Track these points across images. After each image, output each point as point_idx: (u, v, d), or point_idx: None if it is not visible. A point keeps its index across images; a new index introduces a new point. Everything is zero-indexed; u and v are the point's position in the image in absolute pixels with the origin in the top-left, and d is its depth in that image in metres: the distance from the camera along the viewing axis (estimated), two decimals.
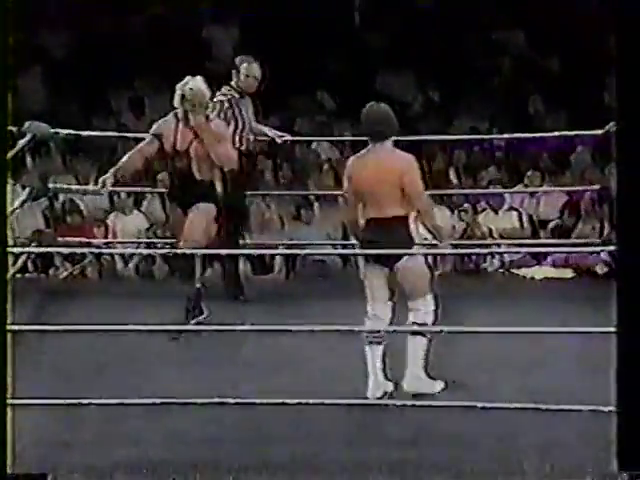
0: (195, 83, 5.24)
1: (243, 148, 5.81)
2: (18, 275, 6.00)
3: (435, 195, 7.90)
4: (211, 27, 9.80)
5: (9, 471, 3.22)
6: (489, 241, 7.65)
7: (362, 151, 4.51)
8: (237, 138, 5.76)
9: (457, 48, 9.64)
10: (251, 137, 5.90)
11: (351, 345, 4.54)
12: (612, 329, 3.11)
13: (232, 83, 5.88)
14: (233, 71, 5.88)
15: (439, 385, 4.31)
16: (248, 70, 5.84)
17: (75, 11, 9.46)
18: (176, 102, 5.31)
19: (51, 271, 7.36)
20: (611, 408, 3.15)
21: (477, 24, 9.75)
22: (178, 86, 5.28)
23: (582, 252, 6.37)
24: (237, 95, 5.83)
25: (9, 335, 3.24)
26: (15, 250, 6.21)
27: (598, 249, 5.25)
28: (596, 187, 7.11)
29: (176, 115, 5.32)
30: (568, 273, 7.40)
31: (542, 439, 3.75)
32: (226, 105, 5.78)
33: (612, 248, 3.19)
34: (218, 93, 5.82)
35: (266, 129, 6.13)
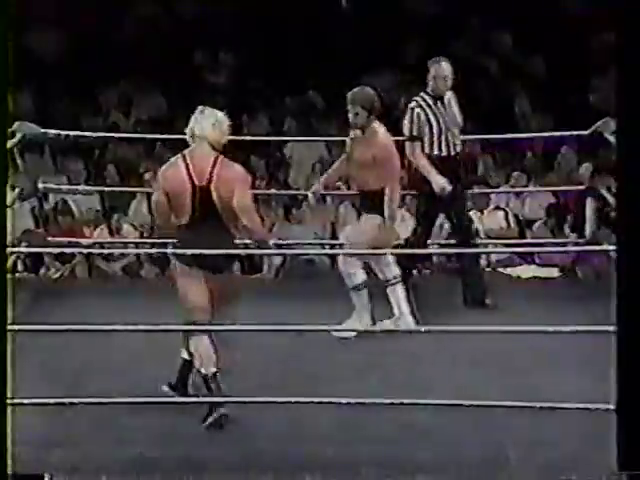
0: None
1: (444, 154, 5.52)
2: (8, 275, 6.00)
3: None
4: (198, 27, 9.82)
5: (9, 471, 3.21)
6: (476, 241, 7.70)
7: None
8: (434, 144, 5.50)
9: (444, 48, 9.68)
10: (456, 141, 5.55)
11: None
12: (612, 329, 3.13)
13: (428, 88, 5.62)
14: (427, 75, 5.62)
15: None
16: (436, 71, 5.58)
17: (64, 11, 9.47)
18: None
19: (42, 271, 7.37)
20: (611, 407, 3.18)
21: (464, 24, 9.81)
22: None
23: (570, 251, 6.43)
24: (429, 99, 5.56)
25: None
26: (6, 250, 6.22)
27: (591, 248, 5.29)
28: (582, 187, 7.17)
29: None
30: (554, 272, 7.46)
31: (541, 439, 3.79)
32: (416, 111, 5.52)
33: (611, 248, 3.21)
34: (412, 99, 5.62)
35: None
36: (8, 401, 3.12)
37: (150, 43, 9.69)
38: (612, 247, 3.18)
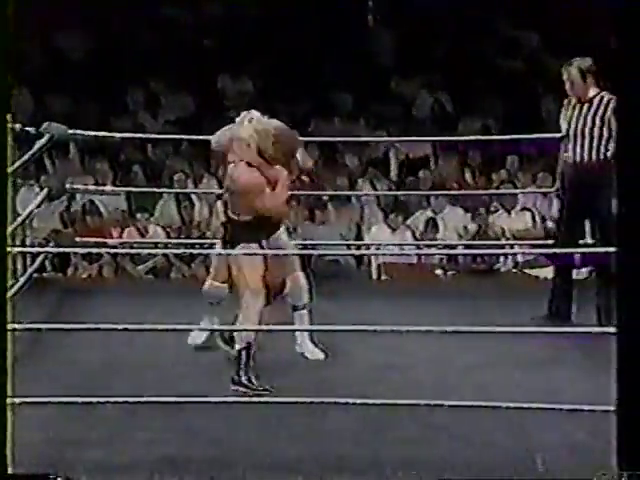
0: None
1: (570, 160, 5.26)
2: (36, 274, 6.07)
3: (450, 196, 8.01)
4: (225, 27, 9.86)
5: (10, 471, 3.22)
6: (502, 241, 7.69)
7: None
8: (569, 147, 5.26)
9: (470, 49, 9.67)
10: (596, 148, 5.21)
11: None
12: (612, 329, 3.12)
13: None
14: None
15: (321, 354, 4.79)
16: (565, 75, 5.31)
17: (92, 12, 9.54)
18: None
19: (69, 270, 7.44)
20: (611, 408, 3.17)
21: (490, 25, 9.79)
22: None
23: (594, 252, 6.40)
24: (574, 101, 5.29)
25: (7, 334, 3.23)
26: (32, 250, 6.31)
27: (591, 250, 5.25)
28: None
29: None
30: (581, 273, 7.41)
31: (541, 439, 3.79)
32: (562, 111, 5.34)
33: (611, 249, 3.20)
34: None
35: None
36: (8, 400, 3.12)
37: (178, 44, 9.74)
38: (612, 248, 3.16)
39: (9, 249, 5.11)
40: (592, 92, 5.33)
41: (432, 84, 9.55)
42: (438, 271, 7.69)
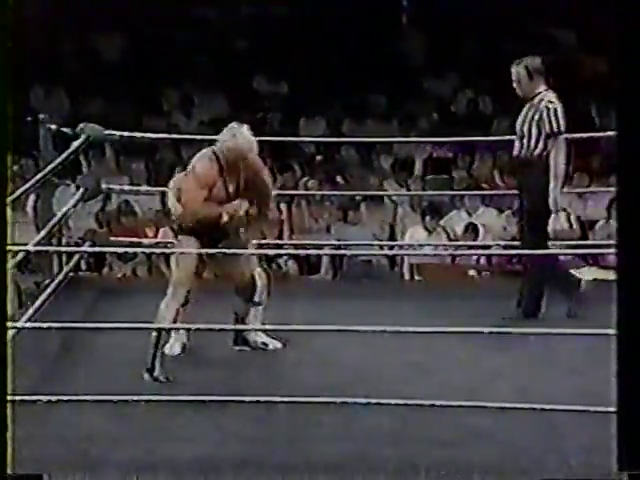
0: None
1: (514, 153, 5.42)
2: (71, 274, 6.13)
3: (484, 196, 7.97)
4: (259, 28, 9.89)
5: (9, 471, 3.23)
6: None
7: None
8: (515, 143, 5.40)
9: (503, 48, 9.62)
10: (524, 145, 5.35)
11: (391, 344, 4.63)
12: (612, 330, 3.10)
13: None
14: None
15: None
16: (514, 73, 5.41)
17: (126, 13, 9.62)
18: None
19: (104, 270, 7.50)
20: (611, 408, 3.15)
21: (523, 23, 9.74)
22: None
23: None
24: (526, 103, 5.40)
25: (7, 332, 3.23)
26: (68, 249, 6.38)
27: (593, 251, 5.22)
28: None
29: None
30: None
31: (541, 439, 3.77)
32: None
33: (611, 250, 3.18)
34: None
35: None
36: (9, 398, 3.14)
37: (212, 45, 9.79)
38: (613, 249, 3.14)
39: (46, 248, 5.26)
40: (537, 90, 5.40)
41: (465, 84, 9.52)
42: (471, 272, 7.66)
